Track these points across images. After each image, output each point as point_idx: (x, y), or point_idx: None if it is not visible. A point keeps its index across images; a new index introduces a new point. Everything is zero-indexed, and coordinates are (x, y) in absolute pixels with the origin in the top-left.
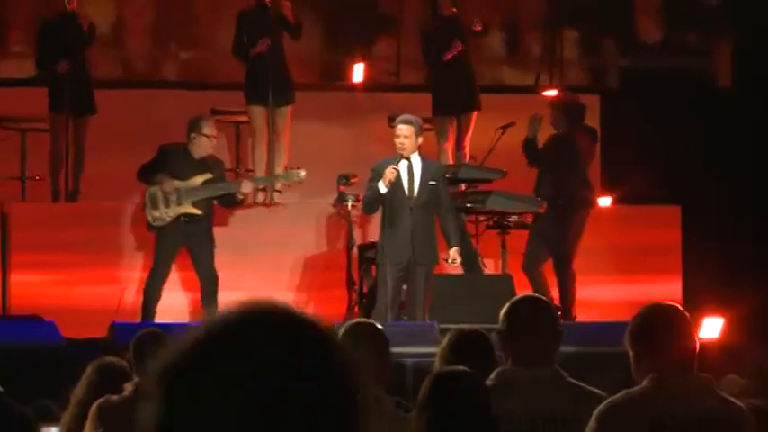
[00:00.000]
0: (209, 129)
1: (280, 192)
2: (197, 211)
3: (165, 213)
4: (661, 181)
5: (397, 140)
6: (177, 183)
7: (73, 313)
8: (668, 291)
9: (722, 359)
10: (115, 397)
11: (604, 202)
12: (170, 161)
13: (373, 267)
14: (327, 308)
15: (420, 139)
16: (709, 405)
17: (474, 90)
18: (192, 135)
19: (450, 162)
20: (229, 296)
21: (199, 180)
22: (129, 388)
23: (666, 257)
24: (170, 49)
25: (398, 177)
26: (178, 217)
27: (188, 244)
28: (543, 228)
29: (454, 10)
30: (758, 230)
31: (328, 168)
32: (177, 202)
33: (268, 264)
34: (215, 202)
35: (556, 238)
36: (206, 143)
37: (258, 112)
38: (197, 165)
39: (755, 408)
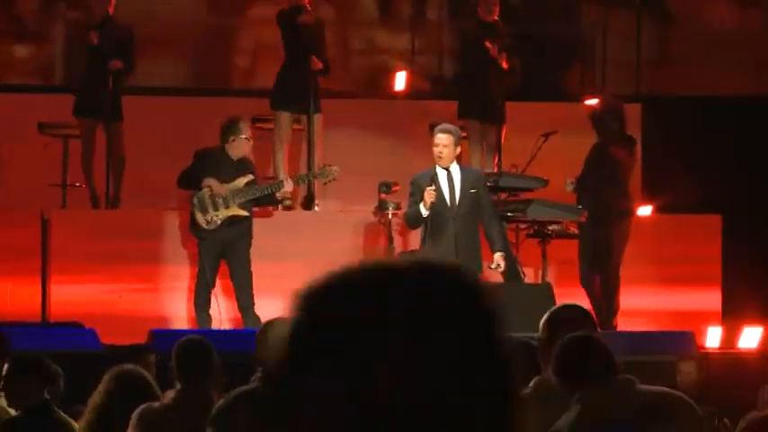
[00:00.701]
0: (247, 130)
1: (317, 204)
2: (245, 213)
3: (216, 216)
4: (702, 190)
5: (435, 149)
6: (225, 186)
7: (113, 320)
8: (708, 300)
9: (762, 368)
10: (157, 404)
11: (645, 211)
12: (209, 165)
13: None
14: None
15: (458, 149)
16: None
17: (503, 101)
18: (231, 137)
19: (483, 166)
20: (267, 305)
21: (242, 181)
22: (170, 395)
23: (706, 267)
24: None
25: (439, 188)
26: (230, 219)
27: (227, 249)
28: (587, 240)
29: (495, 17)
30: None
31: (369, 176)
32: (225, 204)
33: (307, 272)
34: (254, 206)
35: (599, 248)
36: (245, 144)
37: (286, 119)
38: (237, 166)
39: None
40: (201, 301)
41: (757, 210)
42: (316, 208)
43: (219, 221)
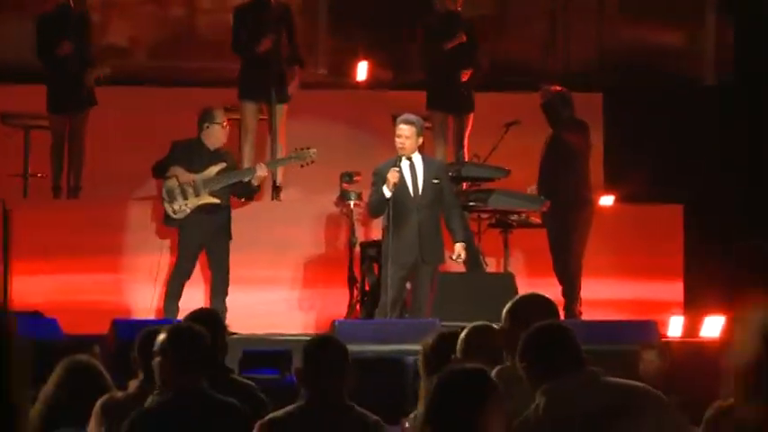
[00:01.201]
0: (221, 117)
1: (280, 188)
2: (216, 201)
3: (185, 205)
4: (664, 180)
5: (397, 140)
6: (193, 174)
7: (74, 310)
8: (670, 290)
9: (724, 357)
10: (120, 394)
11: (606, 200)
12: (184, 155)
13: (375, 265)
14: (329, 306)
15: (420, 139)
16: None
17: (469, 91)
18: (206, 125)
19: (448, 159)
20: (231, 294)
21: (214, 170)
22: (133, 385)
23: (668, 256)
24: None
25: (402, 178)
26: (197, 208)
27: (208, 240)
28: (551, 229)
29: (458, 8)
30: (760, 228)
31: (331, 166)
32: (195, 193)
33: (269, 261)
34: (232, 196)
35: (561, 236)
36: (219, 132)
37: (251, 110)
38: (211, 155)
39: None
40: (173, 291)
41: (719, 199)
42: (281, 198)
43: (189, 210)
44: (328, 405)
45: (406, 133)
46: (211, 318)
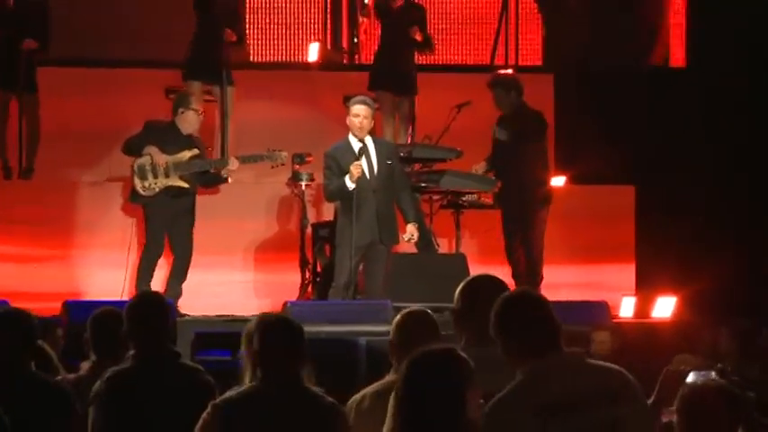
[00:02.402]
0: (197, 103)
1: (230, 171)
2: (185, 185)
3: (155, 184)
4: (615, 161)
5: (355, 120)
6: (167, 156)
7: (25, 291)
8: (622, 270)
9: (675, 338)
10: (71, 376)
11: (558, 181)
12: (157, 136)
13: (327, 246)
14: (281, 287)
15: (373, 121)
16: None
17: (413, 74)
18: (180, 109)
19: (393, 138)
20: None
21: (187, 154)
22: (85, 366)
23: (620, 237)
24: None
25: (355, 161)
26: (165, 190)
27: (172, 222)
28: (507, 210)
29: None
30: (711, 210)
31: (282, 147)
32: (165, 174)
33: (222, 243)
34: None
35: (518, 218)
36: (193, 117)
37: (197, 89)
38: (185, 140)
39: (718, 387)
40: (143, 273)
41: (670, 180)
42: (229, 180)
43: (157, 189)
44: (283, 386)
45: (363, 113)
46: (157, 303)
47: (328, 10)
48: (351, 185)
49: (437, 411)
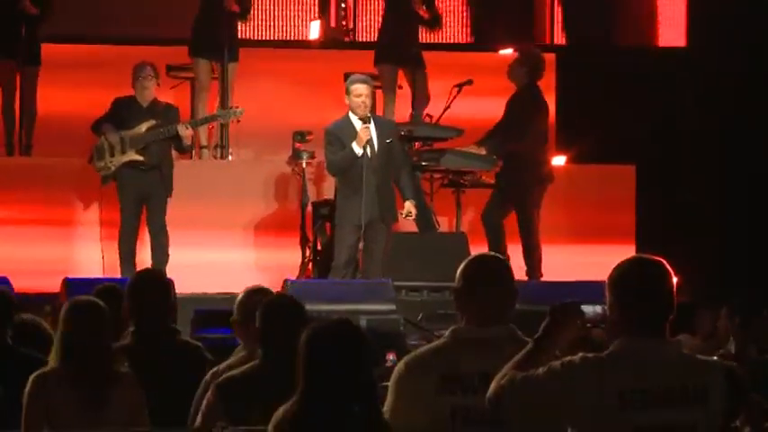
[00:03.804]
0: (146, 71)
1: (230, 153)
2: (139, 158)
3: (110, 162)
4: (616, 140)
5: (357, 99)
6: (122, 132)
7: (26, 268)
8: (622, 251)
9: (675, 319)
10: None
11: (559, 161)
12: (121, 112)
13: (328, 225)
14: (281, 265)
15: (373, 98)
16: (676, 374)
17: (418, 49)
18: (134, 82)
19: (395, 116)
20: (183, 253)
21: (144, 127)
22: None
23: (620, 217)
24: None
25: (355, 137)
26: (130, 165)
27: (144, 196)
28: (501, 184)
29: None
30: (712, 191)
31: (283, 125)
32: (121, 150)
33: (222, 221)
34: (173, 151)
35: (516, 197)
36: (146, 86)
37: (204, 66)
38: (144, 112)
39: (720, 366)
40: (125, 253)
41: (671, 160)
42: (229, 157)
43: (113, 168)
44: (286, 366)
45: (365, 92)
46: (157, 280)
47: None
48: (359, 150)
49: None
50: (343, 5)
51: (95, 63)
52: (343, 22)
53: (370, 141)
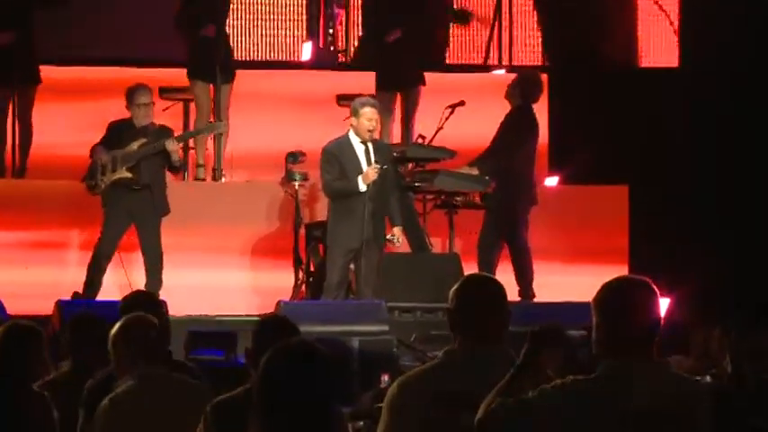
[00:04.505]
0: (141, 97)
1: (224, 175)
2: (129, 175)
3: (101, 180)
4: (609, 161)
5: (367, 123)
6: (114, 151)
7: (19, 291)
8: (615, 271)
9: (668, 340)
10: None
11: (551, 182)
12: (117, 135)
13: (321, 246)
14: (274, 286)
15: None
16: (663, 396)
17: (418, 65)
18: (130, 106)
19: (394, 140)
20: (176, 275)
21: (134, 145)
22: (64, 367)
23: (614, 238)
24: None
25: (358, 162)
26: (119, 186)
27: (134, 218)
28: (491, 205)
29: None
30: (704, 211)
31: (276, 147)
32: (112, 168)
33: (215, 242)
34: (166, 172)
35: (508, 218)
36: (141, 112)
37: (202, 88)
38: (137, 133)
39: (707, 386)
40: (92, 272)
41: (663, 181)
42: (222, 179)
43: (103, 185)
44: None
45: (376, 117)
46: (150, 301)
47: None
48: (363, 187)
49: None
50: (330, 30)
51: (88, 84)
52: (332, 47)
53: (369, 164)
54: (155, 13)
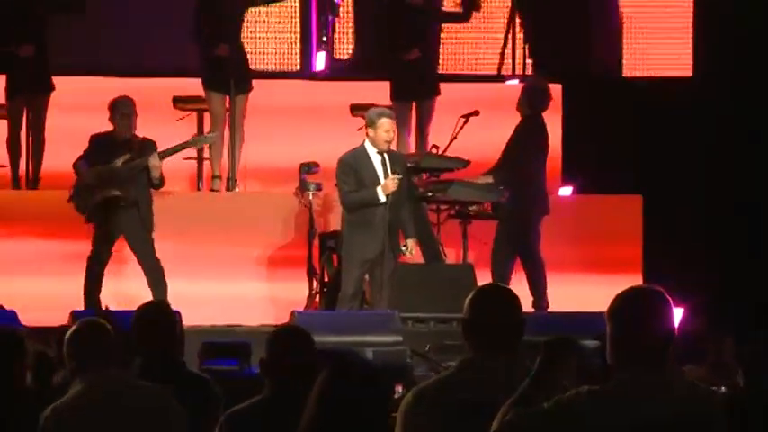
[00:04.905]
0: (123, 108)
1: (237, 185)
2: (116, 193)
3: (89, 201)
4: (623, 171)
5: (385, 135)
6: (98, 168)
7: (33, 302)
8: (629, 280)
9: (682, 349)
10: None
11: (565, 191)
12: (99, 149)
13: (335, 256)
14: (288, 297)
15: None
16: (675, 406)
17: (434, 75)
18: (114, 118)
19: (410, 150)
20: (190, 285)
21: (119, 162)
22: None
23: (628, 248)
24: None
25: (375, 173)
26: (105, 202)
27: (124, 233)
28: (503, 216)
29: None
30: (718, 221)
31: (290, 157)
32: (99, 187)
33: (230, 253)
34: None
35: (517, 228)
36: (123, 122)
37: (218, 99)
38: (121, 147)
39: (722, 396)
40: (91, 286)
41: (677, 190)
42: (236, 189)
43: (92, 205)
44: (293, 396)
45: (393, 128)
46: (164, 312)
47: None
48: (383, 198)
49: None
50: (324, 38)
51: (101, 94)
52: (322, 39)
53: (386, 175)
54: (169, 22)
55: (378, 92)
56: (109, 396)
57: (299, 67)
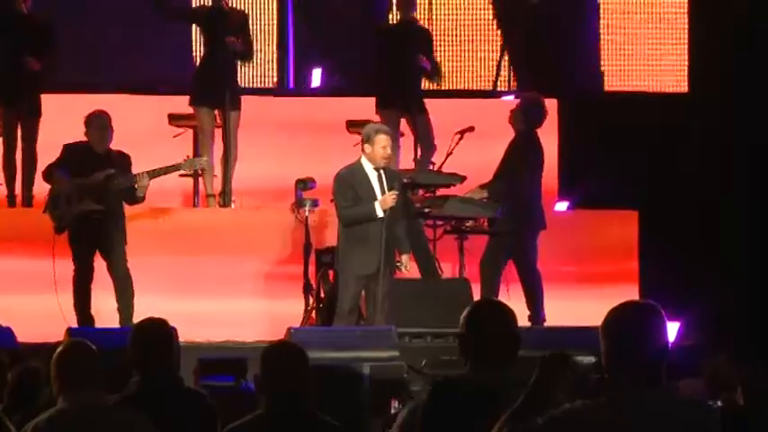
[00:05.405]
0: (99, 122)
1: (233, 201)
2: (98, 207)
3: (67, 212)
4: (618, 186)
5: (382, 151)
6: (78, 180)
7: (30, 318)
8: (625, 295)
9: (678, 363)
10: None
11: (561, 206)
12: (74, 159)
13: (331, 272)
14: (284, 313)
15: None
16: (669, 422)
17: (419, 93)
18: (90, 131)
19: (398, 164)
20: (186, 302)
21: (100, 176)
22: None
23: (624, 262)
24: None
25: (372, 189)
26: (82, 215)
27: (100, 245)
28: (498, 230)
29: (413, 15)
30: (714, 235)
31: (286, 173)
32: (78, 199)
33: (226, 269)
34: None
35: (513, 243)
36: (98, 138)
37: (207, 114)
38: (100, 160)
39: (719, 411)
40: (81, 301)
41: (673, 205)
42: (232, 205)
43: (70, 217)
44: (288, 412)
45: (390, 143)
46: (160, 329)
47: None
48: (380, 213)
49: None
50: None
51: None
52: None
53: (382, 191)
54: (163, 39)
55: (374, 108)
56: (82, 420)
57: (275, 82)
